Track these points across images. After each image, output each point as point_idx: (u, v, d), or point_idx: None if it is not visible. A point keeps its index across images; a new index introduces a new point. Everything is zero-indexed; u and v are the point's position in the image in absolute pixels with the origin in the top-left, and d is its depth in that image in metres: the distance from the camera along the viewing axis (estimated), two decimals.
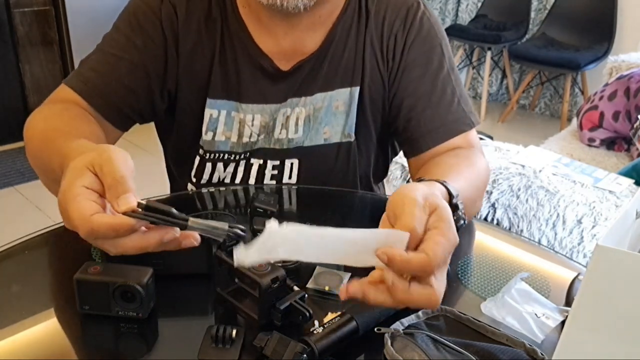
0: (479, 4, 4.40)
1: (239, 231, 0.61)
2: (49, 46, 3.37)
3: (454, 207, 0.72)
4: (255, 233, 0.86)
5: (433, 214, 0.60)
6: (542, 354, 0.65)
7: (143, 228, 0.60)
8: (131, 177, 0.60)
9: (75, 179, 0.60)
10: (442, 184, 0.73)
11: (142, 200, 0.59)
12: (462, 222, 0.75)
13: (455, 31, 4.09)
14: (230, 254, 0.73)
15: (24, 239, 0.86)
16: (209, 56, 1.00)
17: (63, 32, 3.35)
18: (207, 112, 1.01)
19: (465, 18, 4.49)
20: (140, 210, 0.59)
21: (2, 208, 2.81)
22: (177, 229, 0.60)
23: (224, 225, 0.61)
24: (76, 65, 0.99)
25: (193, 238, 0.62)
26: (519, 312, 0.73)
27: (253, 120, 1.02)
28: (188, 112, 1.03)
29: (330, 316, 0.68)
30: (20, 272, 0.81)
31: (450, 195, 0.73)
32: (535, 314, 0.73)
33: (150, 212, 0.59)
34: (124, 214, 0.58)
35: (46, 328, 0.70)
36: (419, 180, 0.76)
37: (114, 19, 1.00)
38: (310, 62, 1.00)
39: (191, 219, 0.60)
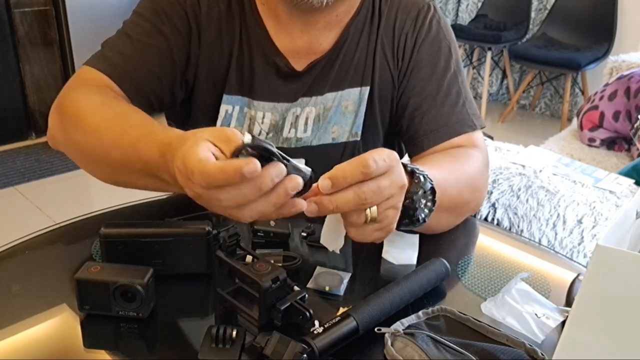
0: (479, 4, 4.40)
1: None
2: (49, 46, 3.37)
3: (410, 173, 0.76)
4: (256, 232, 0.86)
5: None
6: (542, 354, 0.65)
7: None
8: None
9: (199, 145, 0.62)
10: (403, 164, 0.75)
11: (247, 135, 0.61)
12: (428, 184, 0.76)
13: (455, 31, 4.02)
14: (230, 254, 0.73)
15: (24, 239, 0.86)
16: (227, 51, 1.00)
17: (63, 32, 3.34)
18: (223, 107, 1.02)
19: (465, 18, 4.49)
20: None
21: (2, 208, 2.81)
22: (283, 165, 0.61)
23: (307, 169, 0.64)
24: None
25: (301, 205, 0.64)
26: (519, 312, 0.73)
27: (263, 118, 1.02)
28: (204, 107, 1.03)
29: (331, 315, 0.68)
30: (20, 272, 0.81)
31: (405, 165, 0.74)
32: (536, 314, 0.73)
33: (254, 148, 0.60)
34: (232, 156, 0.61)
35: (46, 328, 0.70)
36: None
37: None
38: (322, 61, 1.01)
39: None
